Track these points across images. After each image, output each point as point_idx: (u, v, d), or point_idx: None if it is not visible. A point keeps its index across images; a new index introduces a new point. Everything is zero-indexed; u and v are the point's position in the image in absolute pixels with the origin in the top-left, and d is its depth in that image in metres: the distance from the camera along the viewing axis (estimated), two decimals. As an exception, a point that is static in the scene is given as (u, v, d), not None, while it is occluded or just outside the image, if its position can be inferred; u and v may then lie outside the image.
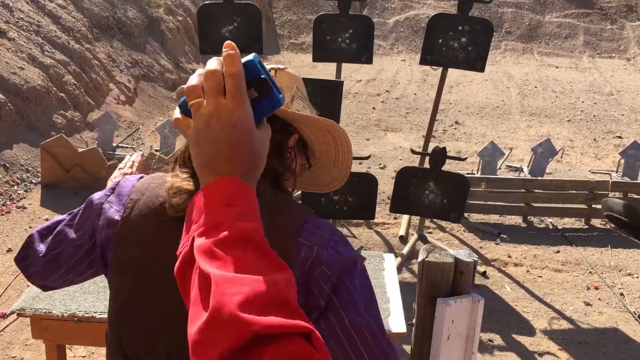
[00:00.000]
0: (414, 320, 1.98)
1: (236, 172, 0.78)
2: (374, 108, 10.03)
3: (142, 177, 1.22)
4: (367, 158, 4.37)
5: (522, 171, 6.70)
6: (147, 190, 1.17)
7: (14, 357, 3.32)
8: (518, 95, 11.29)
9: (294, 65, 13.17)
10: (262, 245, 0.74)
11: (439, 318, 1.87)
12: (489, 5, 16.04)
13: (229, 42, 0.78)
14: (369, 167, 6.86)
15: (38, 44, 7.53)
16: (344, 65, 5.40)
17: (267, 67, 1.24)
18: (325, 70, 11.30)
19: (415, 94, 11.16)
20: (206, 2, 4.90)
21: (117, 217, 1.15)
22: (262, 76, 0.80)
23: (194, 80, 0.80)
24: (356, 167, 6.35)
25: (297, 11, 15.84)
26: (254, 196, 0.79)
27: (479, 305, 1.95)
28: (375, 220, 5.36)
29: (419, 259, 1.88)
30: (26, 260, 1.28)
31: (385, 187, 5.97)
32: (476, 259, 1.90)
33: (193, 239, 0.74)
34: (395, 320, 2.05)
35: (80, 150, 5.69)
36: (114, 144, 6.42)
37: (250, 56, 0.81)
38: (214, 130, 0.77)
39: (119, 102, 8.39)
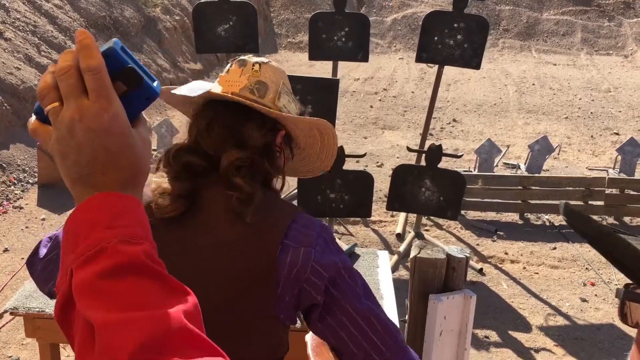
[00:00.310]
0: (406, 317, 1.99)
1: (116, 185, 0.66)
2: (371, 106, 10.04)
3: None
4: (362, 156, 4.38)
5: (519, 168, 6.71)
6: None
7: (10, 356, 3.33)
8: (516, 93, 11.30)
9: (291, 64, 13.18)
10: (154, 270, 0.63)
11: (431, 314, 1.87)
12: (486, 2, 16.05)
13: (81, 29, 0.65)
14: (366, 165, 6.87)
15: (34, 44, 7.53)
16: (342, 64, 5.42)
17: (252, 60, 1.24)
18: (323, 69, 11.30)
19: (412, 92, 11.16)
20: (202, 1, 4.91)
21: None
22: (129, 65, 0.68)
23: (47, 80, 0.65)
24: (353, 165, 6.35)
25: (294, 10, 15.84)
26: (141, 210, 0.68)
27: (471, 301, 1.95)
28: (372, 218, 5.37)
29: (411, 256, 1.89)
30: (32, 265, 1.31)
31: (383, 185, 5.98)
32: (468, 255, 1.91)
33: (72, 273, 0.62)
34: (388, 316, 2.05)
35: (77, 150, 5.69)
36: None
37: (110, 42, 0.68)
38: (80, 138, 0.64)
39: (116, 102, 8.38)
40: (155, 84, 0.72)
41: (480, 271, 4.58)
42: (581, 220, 0.65)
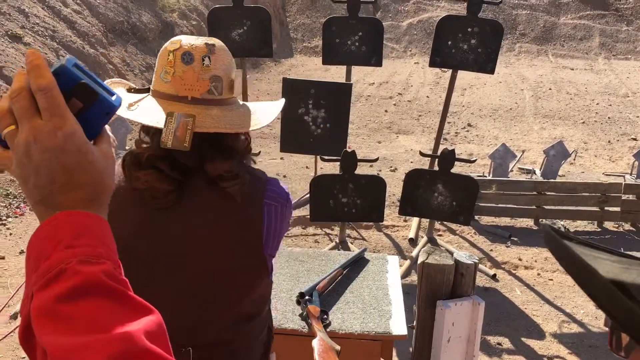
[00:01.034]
0: (414, 323, 1.98)
1: (78, 203, 0.66)
2: (386, 111, 10.02)
3: None
4: (375, 160, 4.37)
5: (535, 173, 6.65)
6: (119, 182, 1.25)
7: (24, 357, 3.37)
8: (532, 97, 11.21)
9: (307, 68, 13.22)
10: (115, 290, 0.62)
11: (439, 320, 1.86)
12: (502, 7, 15.96)
13: (31, 50, 0.64)
14: (380, 170, 6.86)
15: (53, 49, 7.63)
16: (357, 69, 5.43)
17: (197, 51, 1.20)
18: (338, 74, 11.30)
19: (427, 96, 11.12)
20: (216, 5, 4.94)
21: None
22: (82, 80, 0.67)
23: (2, 104, 0.65)
24: (365, 170, 6.35)
25: (310, 15, 15.88)
26: (104, 228, 0.67)
27: (480, 307, 1.94)
28: (385, 223, 5.36)
29: (419, 261, 1.88)
30: None
31: (396, 190, 5.95)
32: (477, 261, 1.90)
33: (32, 297, 0.61)
34: (396, 322, 2.05)
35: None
36: (127, 147, 6.49)
37: (63, 60, 0.68)
38: (37, 159, 0.63)
39: (133, 106, 8.46)
40: (114, 97, 0.71)
41: (494, 277, 4.55)
42: (557, 248, 0.62)
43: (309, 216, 4.45)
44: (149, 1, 10.93)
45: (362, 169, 4.47)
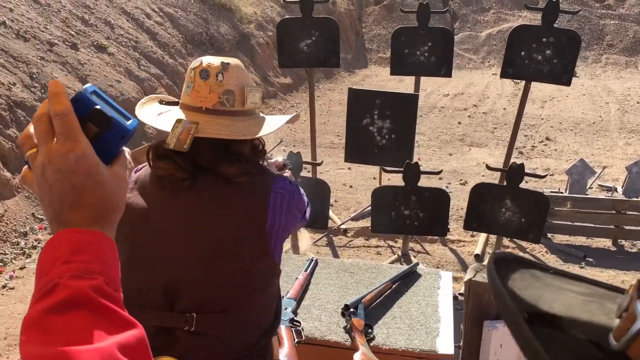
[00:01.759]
0: (461, 342, 1.89)
1: (85, 221, 0.70)
2: (459, 123, 9.80)
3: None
4: (438, 173, 4.26)
5: (616, 191, 6.28)
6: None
7: None
8: (618, 111, 10.63)
9: (380, 79, 13.16)
10: (100, 304, 0.64)
11: (486, 342, 1.77)
12: (589, 17, 15.30)
13: (52, 81, 0.70)
14: (449, 183, 6.70)
15: (135, 59, 7.99)
16: (432, 80, 5.35)
17: (213, 68, 1.37)
18: (412, 85, 11.16)
19: (504, 108, 10.78)
20: (286, 17, 5.01)
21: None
22: (96, 107, 0.72)
23: (27, 129, 0.72)
24: (432, 182, 6.22)
25: (386, 25, 15.83)
26: (105, 245, 0.70)
27: (532, 330, 1.83)
28: (451, 237, 5.22)
29: (465, 278, 1.80)
30: None
31: (465, 204, 5.78)
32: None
33: None
34: (443, 341, 1.97)
35: (165, 159, 5.96)
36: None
37: (82, 89, 0.73)
38: (50, 179, 0.68)
39: (208, 114, 8.72)
40: (129, 122, 0.75)
41: (564, 299, 4.31)
42: (494, 292, 0.59)
43: (370, 227, 4.40)
44: (227, 13, 11.26)
45: (430, 182, 4.37)
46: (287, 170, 1.85)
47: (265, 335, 1.47)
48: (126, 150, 0.78)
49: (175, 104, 1.49)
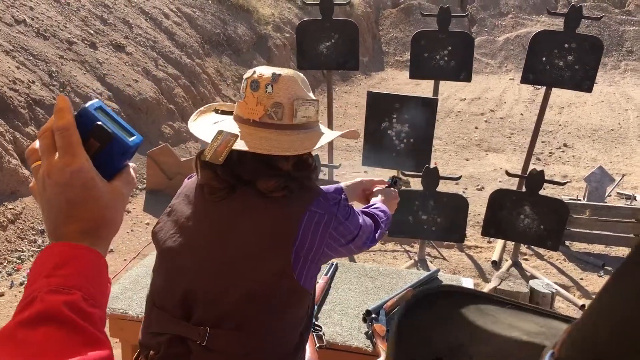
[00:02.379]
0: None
1: (76, 235, 0.70)
2: (476, 127, 9.74)
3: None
4: (458, 179, 4.23)
5: (635, 200, 6.21)
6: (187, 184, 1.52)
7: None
8: (637, 118, 10.52)
9: (397, 82, 13.13)
10: (71, 321, 0.63)
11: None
12: (608, 22, 15.15)
13: (60, 95, 0.71)
14: (466, 188, 6.66)
15: (153, 59, 8.03)
16: (449, 84, 5.33)
17: (264, 80, 1.34)
18: (429, 88, 11.12)
19: (521, 114, 10.71)
20: (305, 19, 5.01)
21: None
22: (98, 122, 0.72)
23: (34, 142, 0.73)
24: (449, 188, 6.18)
25: (403, 29, 15.79)
26: (92, 260, 0.70)
27: (557, 341, 1.80)
28: (468, 243, 5.18)
29: (489, 286, 1.77)
30: None
31: (482, 210, 5.74)
32: (554, 291, 1.76)
33: None
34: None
35: (182, 159, 5.98)
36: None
37: (87, 103, 0.74)
38: (49, 192, 0.70)
39: (224, 115, 8.75)
40: (132, 138, 0.75)
41: (583, 307, 4.26)
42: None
43: (387, 231, 4.38)
44: (245, 14, 11.29)
45: (446, 187, 4.34)
46: (393, 189, 1.90)
47: (285, 359, 1.40)
48: (132, 166, 0.78)
49: (230, 113, 1.46)
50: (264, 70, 1.36)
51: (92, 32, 7.40)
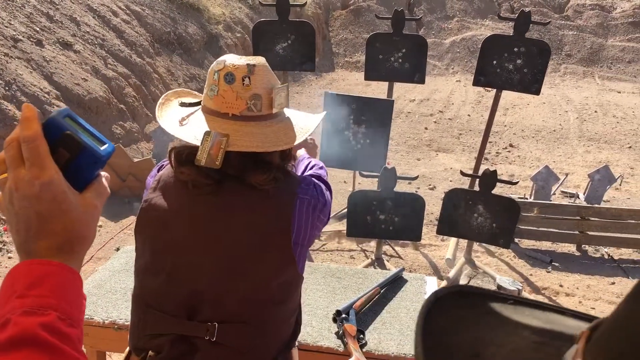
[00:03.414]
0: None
1: (48, 251, 0.67)
2: (426, 128, 9.94)
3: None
4: (414, 178, 4.32)
5: (578, 198, 6.48)
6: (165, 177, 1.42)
7: None
8: (577, 120, 10.97)
9: (347, 83, 13.24)
10: (48, 343, 0.61)
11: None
12: (549, 27, 15.72)
13: (25, 104, 0.67)
14: (418, 188, 6.79)
15: (102, 57, 7.83)
16: (398, 85, 5.39)
17: (239, 71, 1.29)
18: (379, 89, 11.30)
19: (469, 115, 11.00)
20: (261, 19, 5.00)
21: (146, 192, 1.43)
22: (67, 132, 0.68)
23: (1, 153, 0.69)
24: (404, 187, 6.29)
25: (353, 30, 15.93)
26: (65, 277, 0.68)
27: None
28: (422, 242, 5.29)
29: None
30: None
31: (434, 209, 5.89)
32: (520, 287, 1.84)
33: None
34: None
35: (135, 160, 5.86)
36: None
37: (55, 112, 0.70)
38: (17, 206, 0.66)
39: (175, 115, 8.60)
40: (103, 147, 0.72)
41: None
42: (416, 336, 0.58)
43: (345, 231, 4.43)
44: (195, 13, 11.14)
45: (399, 187, 4.41)
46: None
47: (287, 346, 1.44)
48: (104, 175, 0.75)
49: (197, 104, 1.41)
50: (236, 61, 1.31)
51: (38, 29, 7.15)
